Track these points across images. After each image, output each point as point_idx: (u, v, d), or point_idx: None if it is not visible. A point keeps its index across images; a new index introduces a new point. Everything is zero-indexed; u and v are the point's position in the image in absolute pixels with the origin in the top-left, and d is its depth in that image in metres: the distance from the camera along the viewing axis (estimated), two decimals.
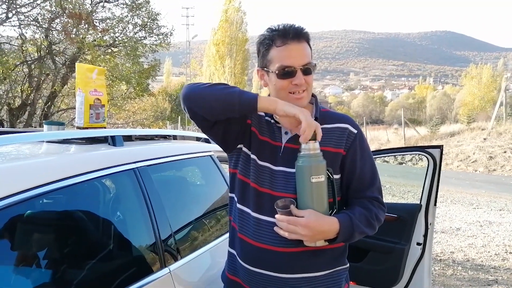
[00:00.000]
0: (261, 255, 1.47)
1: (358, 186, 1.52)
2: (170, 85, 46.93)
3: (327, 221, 1.37)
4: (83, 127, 2.02)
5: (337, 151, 1.48)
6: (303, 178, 1.37)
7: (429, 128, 22.83)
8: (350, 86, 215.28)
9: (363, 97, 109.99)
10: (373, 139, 23.89)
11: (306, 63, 1.46)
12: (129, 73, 8.58)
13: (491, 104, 30.79)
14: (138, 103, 16.39)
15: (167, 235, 1.81)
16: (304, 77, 1.46)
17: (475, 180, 12.63)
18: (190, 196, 2.42)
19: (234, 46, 36.69)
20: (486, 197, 9.62)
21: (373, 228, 1.48)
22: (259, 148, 1.53)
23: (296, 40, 1.45)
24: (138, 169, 1.82)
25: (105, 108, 2.11)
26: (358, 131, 1.53)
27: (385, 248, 3.04)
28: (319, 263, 1.48)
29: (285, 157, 1.47)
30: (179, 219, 2.02)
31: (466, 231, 6.51)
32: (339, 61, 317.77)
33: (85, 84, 2.03)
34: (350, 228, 1.40)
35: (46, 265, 1.41)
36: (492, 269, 4.80)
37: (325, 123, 1.51)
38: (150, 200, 1.79)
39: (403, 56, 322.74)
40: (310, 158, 1.37)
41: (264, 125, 1.56)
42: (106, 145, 1.89)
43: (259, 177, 1.50)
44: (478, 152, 15.87)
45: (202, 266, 1.96)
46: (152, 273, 1.66)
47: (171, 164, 2.07)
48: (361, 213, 1.45)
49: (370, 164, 1.54)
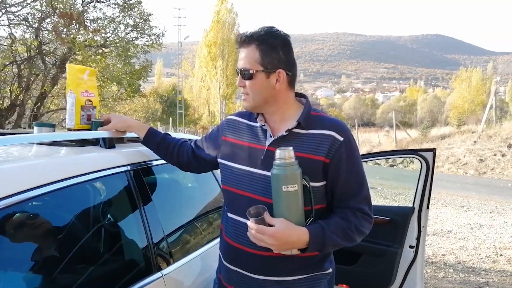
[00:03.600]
0: (237, 255, 1.53)
1: (342, 195, 1.48)
2: (161, 86, 46.75)
3: (296, 232, 1.35)
4: (74, 128, 1.99)
5: (318, 159, 1.44)
6: (276, 187, 1.36)
7: (420, 130, 22.95)
8: (341, 88, 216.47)
9: (354, 99, 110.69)
10: (365, 141, 23.99)
11: (241, 68, 1.50)
12: (120, 74, 8.50)
13: (481, 107, 31.14)
14: (129, 104, 16.29)
15: (159, 239, 1.78)
16: (243, 81, 1.51)
17: (466, 182, 12.73)
18: (183, 199, 2.39)
19: (226, 47, 36.67)
20: (476, 200, 9.69)
21: (351, 240, 1.45)
22: (235, 153, 1.56)
23: (245, 45, 1.49)
24: (130, 172, 1.79)
25: (97, 109, 2.08)
26: (344, 138, 1.46)
27: (377, 251, 3.04)
28: (291, 268, 1.48)
29: (267, 161, 1.45)
30: (172, 222, 1.99)
31: (457, 233, 6.55)
32: (331, 63, 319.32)
33: (76, 85, 1.99)
34: (321, 239, 1.38)
35: (35, 270, 1.38)
36: (483, 272, 4.83)
37: (311, 128, 1.48)
38: (142, 203, 1.76)
39: (394, 59, 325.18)
40: (284, 167, 1.35)
41: (245, 130, 1.59)
42: (97, 147, 1.86)
43: (237, 181, 1.53)
44: (468, 155, 16.01)
45: (195, 270, 1.93)
46: (144, 277, 1.63)
47: (163, 166, 2.03)
48: (337, 225, 1.42)
49: (356, 173, 1.49)
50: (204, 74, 39.81)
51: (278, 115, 1.53)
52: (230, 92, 40.11)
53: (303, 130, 1.48)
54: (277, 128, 1.53)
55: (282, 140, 1.47)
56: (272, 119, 1.54)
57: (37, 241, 1.43)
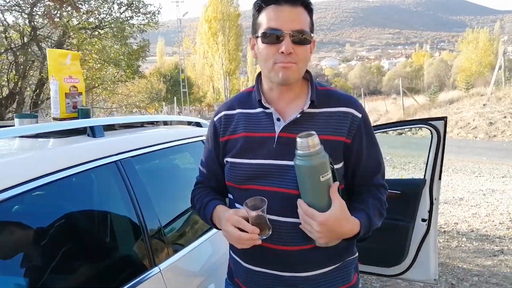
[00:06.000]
0: (262, 254, 1.33)
1: (365, 174, 1.37)
2: (164, 65, 46.33)
3: (349, 223, 1.22)
4: (60, 118, 1.88)
5: (338, 139, 1.30)
6: (312, 178, 1.19)
7: (428, 96, 22.59)
8: (346, 57, 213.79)
9: (360, 68, 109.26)
10: (372, 110, 23.68)
11: (298, 29, 1.25)
12: (118, 55, 8.30)
13: (489, 69, 30.51)
14: (132, 86, 16.12)
15: (155, 231, 1.68)
16: (294, 47, 1.24)
17: (476, 147, 12.54)
18: (180, 187, 2.28)
19: (226, 22, 36.15)
20: (487, 165, 9.53)
21: (382, 218, 1.36)
22: (241, 148, 1.35)
23: (290, 3, 1.25)
24: (121, 161, 1.68)
25: (83, 96, 1.95)
26: (362, 114, 1.34)
27: (388, 226, 2.92)
28: (323, 260, 1.33)
29: (281, 149, 1.29)
30: (169, 213, 1.88)
31: (469, 200, 6.43)
32: (334, 32, 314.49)
33: (58, 71, 1.86)
34: (368, 228, 1.28)
35: (22, 267, 1.30)
36: (497, 239, 4.72)
37: (324, 106, 1.32)
38: (135, 194, 1.65)
39: (399, 23, 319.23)
40: (315, 156, 1.18)
41: (242, 121, 1.37)
42: (85, 136, 1.74)
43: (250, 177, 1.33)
44: (478, 118, 15.74)
45: (195, 264, 1.83)
46: (140, 273, 1.54)
47: (158, 153, 1.92)
48: (374, 207, 1.32)
49: (375, 150, 1.39)
50: (206, 51, 39.39)
51: (292, 93, 1.35)
52: (233, 67, 39.71)
53: (316, 109, 1.31)
54: (285, 111, 1.34)
55: (294, 124, 1.29)
56: (284, 98, 1.34)
57: (22, 238, 1.35)
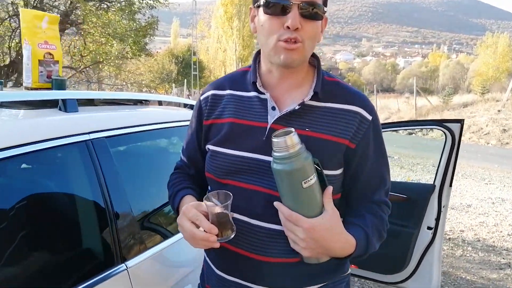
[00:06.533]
0: (238, 263, 1.14)
1: (366, 187, 1.15)
2: (177, 47, 45.99)
3: (341, 238, 1.02)
4: (31, 87, 1.67)
5: (340, 142, 1.07)
6: (293, 184, 0.98)
7: (442, 98, 22.14)
8: (361, 52, 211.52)
9: (374, 64, 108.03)
10: (383, 108, 23.26)
11: (309, 0, 1.02)
12: (124, 31, 8.03)
13: (506, 75, 29.91)
14: (141, 65, 15.89)
15: (126, 224, 1.48)
16: (302, 22, 1.02)
17: (488, 153, 12.22)
18: (161, 176, 2.06)
19: (242, 7, 35.64)
20: (498, 172, 9.23)
21: (382, 241, 1.15)
22: (226, 135, 1.13)
23: None
24: (92, 141, 1.47)
25: (60, 64, 1.74)
26: (373, 117, 1.11)
27: (391, 232, 2.72)
28: (309, 276, 1.13)
29: (270, 143, 1.02)
30: (144, 204, 1.68)
31: (477, 208, 6.18)
32: (351, 26, 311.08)
33: (32, 34, 1.65)
34: (364, 249, 1.07)
35: None
36: (505, 251, 4.49)
37: (329, 101, 1.10)
38: (105, 180, 1.45)
39: (418, 22, 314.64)
40: (295, 158, 0.96)
41: (232, 104, 1.16)
42: (55, 110, 1.53)
43: (232, 171, 1.12)
44: (491, 124, 15.36)
45: (170, 262, 1.63)
46: (104, 270, 1.34)
47: (138, 135, 1.71)
48: (374, 226, 1.11)
49: (383, 162, 1.17)
50: (221, 35, 38.97)
51: (294, 79, 1.13)
52: (247, 54, 39.27)
53: (319, 102, 1.09)
54: (282, 99, 1.13)
55: (291, 116, 1.08)
56: (283, 84, 1.13)
57: None
